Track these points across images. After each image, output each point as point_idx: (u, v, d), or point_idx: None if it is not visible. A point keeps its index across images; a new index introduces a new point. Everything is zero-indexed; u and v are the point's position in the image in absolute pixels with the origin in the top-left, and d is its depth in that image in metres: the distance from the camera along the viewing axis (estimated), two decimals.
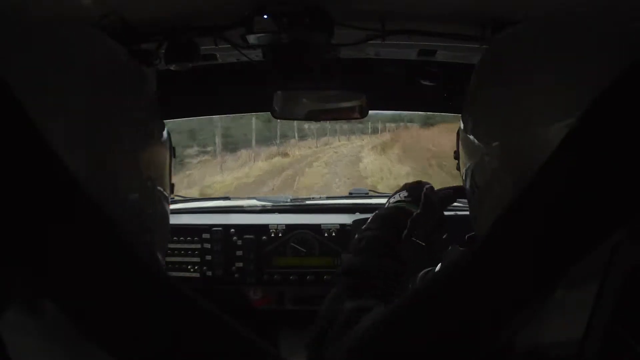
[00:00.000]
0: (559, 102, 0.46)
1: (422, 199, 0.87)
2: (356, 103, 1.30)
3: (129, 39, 0.88)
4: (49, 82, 0.45)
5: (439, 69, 1.23)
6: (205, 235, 1.61)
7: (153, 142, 0.59)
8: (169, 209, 0.65)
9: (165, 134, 0.63)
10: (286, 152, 15.91)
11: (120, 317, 0.37)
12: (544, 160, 0.39)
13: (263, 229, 1.61)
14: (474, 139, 0.57)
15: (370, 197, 2.02)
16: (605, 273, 0.40)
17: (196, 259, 1.61)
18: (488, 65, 0.59)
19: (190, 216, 1.78)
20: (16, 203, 0.34)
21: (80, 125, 0.47)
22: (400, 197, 0.89)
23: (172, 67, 0.99)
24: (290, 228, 1.61)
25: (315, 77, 1.07)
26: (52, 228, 0.35)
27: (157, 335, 0.37)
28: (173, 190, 0.69)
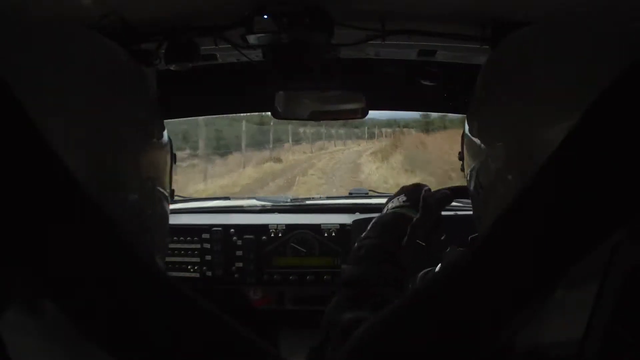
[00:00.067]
0: (560, 103, 0.46)
1: (421, 202, 0.85)
2: (356, 103, 1.30)
3: (129, 39, 0.88)
4: (48, 82, 0.45)
5: (439, 69, 1.23)
6: (205, 235, 1.61)
7: (153, 142, 0.59)
8: (168, 209, 0.65)
9: (165, 135, 0.63)
10: (279, 157, 15.02)
11: (120, 317, 0.37)
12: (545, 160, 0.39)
13: (263, 229, 1.61)
14: (479, 141, 0.57)
15: (370, 197, 2.02)
16: (605, 273, 0.40)
17: (196, 259, 1.61)
18: (492, 67, 0.59)
19: (190, 216, 1.78)
20: (16, 203, 0.34)
21: (80, 125, 0.47)
22: (399, 201, 0.87)
23: (172, 67, 0.99)
24: (290, 228, 1.61)
25: (315, 77, 1.07)
26: (52, 228, 0.35)
27: (157, 335, 0.37)
28: (173, 196, 0.69)
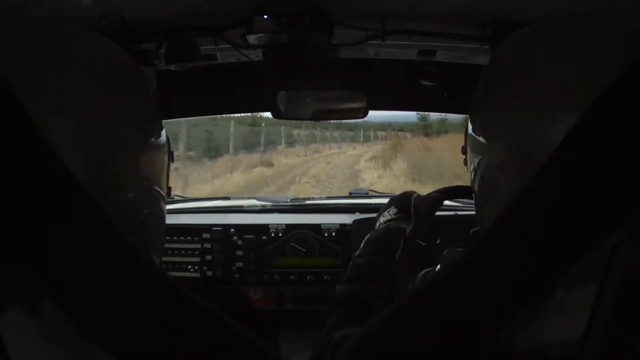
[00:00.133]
0: (560, 102, 0.46)
1: (412, 212, 0.83)
2: (356, 103, 1.30)
3: (129, 39, 0.88)
4: (48, 82, 0.45)
5: (439, 69, 1.23)
6: (205, 235, 1.61)
7: (151, 142, 0.59)
8: (165, 209, 0.65)
9: (163, 135, 0.63)
10: (271, 161, 13.87)
11: (120, 317, 0.37)
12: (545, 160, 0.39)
13: (263, 228, 1.61)
14: (481, 139, 0.58)
15: (370, 197, 2.02)
16: (605, 273, 0.40)
17: (196, 259, 1.61)
18: (494, 67, 0.60)
19: (190, 216, 1.78)
20: (16, 203, 0.34)
21: (78, 124, 0.47)
22: (390, 214, 0.85)
23: (172, 67, 0.99)
24: (290, 228, 1.61)
25: (315, 77, 1.07)
26: (52, 228, 0.35)
27: (157, 335, 0.37)
28: (170, 193, 0.69)
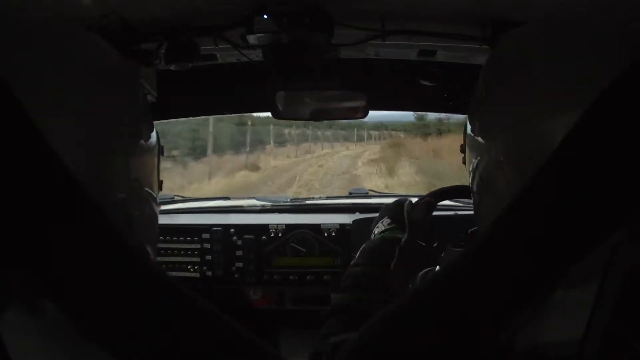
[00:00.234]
0: (560, 102, 0.46)
1: (406, 221, 0.84)
2: (356, 103, 1.30)
3: (129, 39, 0.88)
4: (48, 82, 0.45)
5: (439, 69, 1.23)
6: (205, 235, 1.61)
7: (142, 143, 0.59)
8: (157, 210, 0.65)
9: (154, 135, 0.63)
10: (256, 164, 12.24)
11: (120, 317, 0.37)
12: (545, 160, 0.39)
13: (263, 228, 1.61)
14: (480, 139, 0.58)
15: (370, 197, 2.02)
16: (605, 273, 0.40)
17: (196, 259, 1.61)
18: (493, 65, 0.60)
19: (190, 216, 1.78)
20: (16, 203, 0.34)
21: (77, 125, 0.47)
22: (384, 225, 0.86)
23: (172, 67, 0.99)
24: (290, 228, 1.61)
25: (315, 77, 1.07)
26: (52, 228, 0.35)
27: (157, 335, 0.37)
28: (161, 187, 0.69)
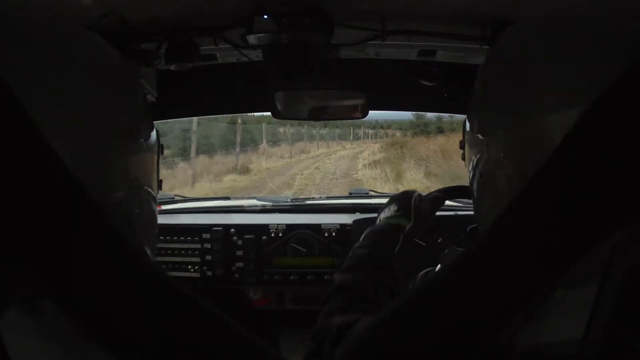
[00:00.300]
0: (560, 102, 0.46)
1: (412, 210, 0.86)
2: (357, 103, 1.30)
3: (129, 39, 0.88)
4: (48, 82, 0.45)
5: (439, 69, 1.23)
6: (206, 235, 1.61)
7: (142, 142, 0.59)
8: (156, 209, 0.65)
9: (154, 135, 0.63)
10: (247, 167, 11.43)
11: (121, 317, 0.37)
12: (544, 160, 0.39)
13: (263, 228, 1.61)
14: (479, 137, 0.58)
15: (371, 197, 2.02)
16: (605, 273, 0.40)
17: (196, 259, 1.61)
18: (492, 63, 0.60)
19: (190, 216, 1.78)
20: (16, 202, 0.34)
21: (77, 124, 0.47)
22: (391, 211, 0.87)
23: (172, 67, 0.99)
24: (290, 228, 1.61)
25: (315, 77, 1.07)
26: (52, 227, 0.35)
27: (157, 335, 0.37)
28: (161, 186, 0.69)
